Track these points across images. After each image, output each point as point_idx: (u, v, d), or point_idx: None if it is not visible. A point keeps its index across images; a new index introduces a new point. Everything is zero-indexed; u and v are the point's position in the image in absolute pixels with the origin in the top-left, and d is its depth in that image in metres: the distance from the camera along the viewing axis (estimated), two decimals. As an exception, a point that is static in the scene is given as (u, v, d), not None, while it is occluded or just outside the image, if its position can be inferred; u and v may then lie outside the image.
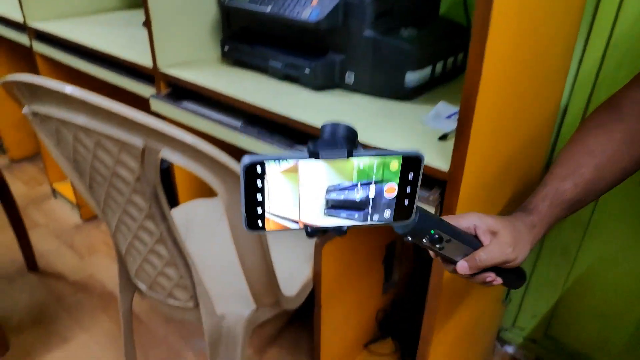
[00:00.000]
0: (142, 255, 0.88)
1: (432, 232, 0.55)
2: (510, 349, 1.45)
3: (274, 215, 0.44)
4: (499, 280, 0.63)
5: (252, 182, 0.42)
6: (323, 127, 0.46)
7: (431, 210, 0.73)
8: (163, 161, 0.70)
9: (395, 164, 0.45)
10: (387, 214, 0.48)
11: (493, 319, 1.34)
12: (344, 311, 1.17)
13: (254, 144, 0.96)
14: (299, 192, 0.44)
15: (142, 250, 0.86)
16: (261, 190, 0.43)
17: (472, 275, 0.61)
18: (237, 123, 1.01)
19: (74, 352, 1.45)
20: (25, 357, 1.44)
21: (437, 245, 0.57)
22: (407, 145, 0.79)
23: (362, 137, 0.80)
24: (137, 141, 0.65)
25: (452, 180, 0.71)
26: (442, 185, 0.74)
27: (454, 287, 0.90)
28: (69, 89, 0.63)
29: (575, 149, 0.69)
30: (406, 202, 0.47)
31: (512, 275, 0.64)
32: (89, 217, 2.10)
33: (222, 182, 0.67)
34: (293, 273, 1.04)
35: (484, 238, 0.60)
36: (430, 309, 0.88)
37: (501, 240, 0.60)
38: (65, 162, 0.86)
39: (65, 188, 2.16)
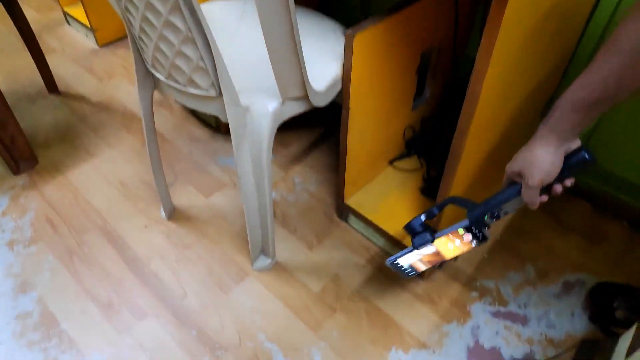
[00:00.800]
0: (157, 32, 0.80)
1: (486, 217, 0.79)
2: (538, 173, 1.42)
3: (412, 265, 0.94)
4: (568, 182, 0.72)
5: (396, 263, 0.93)
6: (411, 225, 0.87)
7: None
8: None
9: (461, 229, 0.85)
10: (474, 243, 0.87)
11: (527, 137, 1.28)
12: (371, 120, 1.12)
13: None
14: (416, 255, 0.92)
15: (157, 24, 0.78)
16: (401, 264, 0.93)
17: (548, 193, 0.73)
18: None
19: (101, 165, 1.48)
20: (54, 169, 1.47)
21: (502, 214, 0.78)
22: None
23: None
24: None
25: None
26: None
27: (490, 98, 0.82)
28: None
29: (605, 48, 0.61)
30: (480, 237, 0.85)
31: (572, 170, 0.70)
32: (105, 43, 2.01)
33: None
34: (323, 69, 0.96)
35: (518, 181, 0.73)
36: (463, 122, 0.82)
37: (526, 180, 0.70)
38: None
39: (77, 12, 2.04)
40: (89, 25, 1.94)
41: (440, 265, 1.03)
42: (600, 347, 1.00)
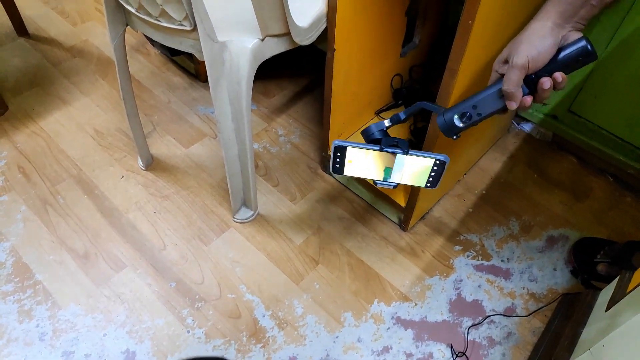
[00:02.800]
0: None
1: (456, 116, 0.66)
2: (527, 127, 1.40)
3: (350, 168, 0.74)
4: (559, 77, 0.60)
5: (339, 152, 0.71)
6: (370, 128, 0.73)
7: None
8: None
9: (430, 160, 0.71)
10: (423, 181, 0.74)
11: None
12: (358, 64, 1.07)
13: None
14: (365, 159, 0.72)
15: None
16: (342, 157, 0.72)
17: (533, 92, 0.62)
18: None
19: (75, 114, 1.41)
20: (26, 116, 1.40)
21: (475, 117, 0.66)
22: None
23: None
24: None
25: None
26: None
27: (482, 36, 0.77)
28: None
29: None
30: (434, 175, 0.73)
31: (567, 62, 0.60)
32: (78, -17, 1.89)
33: None
34: (307, 3, 0.90)
35: (503, 71, 0.62)
36: (453, 62, 0.78)
37: (511, 59, 0.60)
38: None
39: (46, -51, 1.90)
40: (59, -36, 1.82)
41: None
42: (580, 301, 1.00)
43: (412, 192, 1.05)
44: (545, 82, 0.60)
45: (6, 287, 1.04)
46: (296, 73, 1.55)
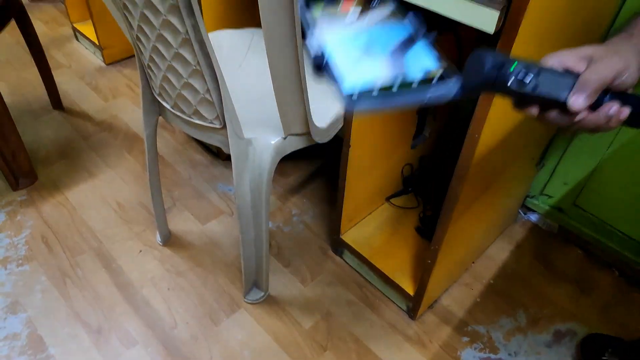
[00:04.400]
0: (166, 62, 0.81)
1: (513, 68, 0.48)
2: (533, 217, 1.43)
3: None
4: (625, 112, 0.50)
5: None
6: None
7: (495, 15, 0.63)
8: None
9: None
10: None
11: (522, 184, 1.30)
12: (371, 157, 1.13)
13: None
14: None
15: (167, 56, 0.80)
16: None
17: (592, 109, 0.50)
18: None
19: (100, 186, 1.48)
20: (53, 187, 1.47)
21: (529, 88, 0.48)
22: None
23: None
24: None
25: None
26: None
27: (489, 145, 0.83)
28: None
29: None
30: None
31: (635, 105, 0.50)
32: (112, 61, 2.03)
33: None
34: (325, 107, 0.98)
35: (581, 67, 0.50)
36: (461, 168, 0.83)
37: (603, 58, 0.49)
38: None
39: (86, 29, 2.07)
40: (97, 43, 1.97)
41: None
42: (589, 401, 0.99)
43: (422, 280, 1.08)
44: (614, 107, 0.50)
45: (19, 359, 1.06)
46: (312, 154, 1.63)
